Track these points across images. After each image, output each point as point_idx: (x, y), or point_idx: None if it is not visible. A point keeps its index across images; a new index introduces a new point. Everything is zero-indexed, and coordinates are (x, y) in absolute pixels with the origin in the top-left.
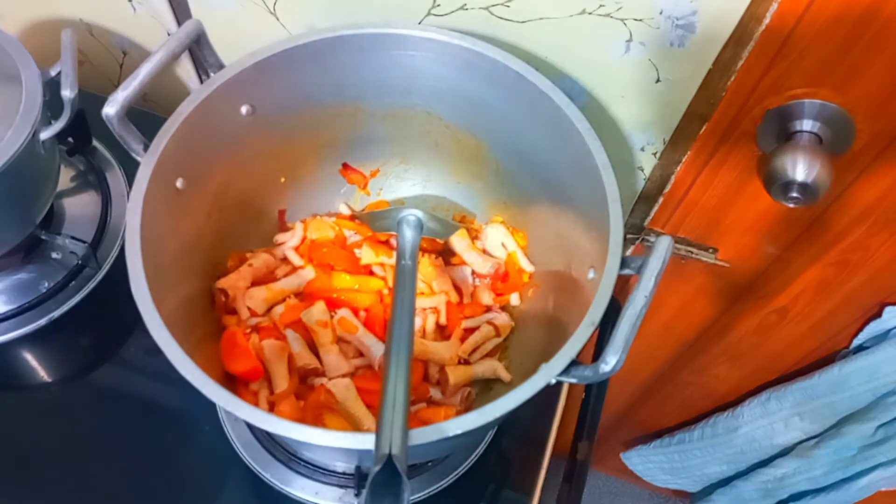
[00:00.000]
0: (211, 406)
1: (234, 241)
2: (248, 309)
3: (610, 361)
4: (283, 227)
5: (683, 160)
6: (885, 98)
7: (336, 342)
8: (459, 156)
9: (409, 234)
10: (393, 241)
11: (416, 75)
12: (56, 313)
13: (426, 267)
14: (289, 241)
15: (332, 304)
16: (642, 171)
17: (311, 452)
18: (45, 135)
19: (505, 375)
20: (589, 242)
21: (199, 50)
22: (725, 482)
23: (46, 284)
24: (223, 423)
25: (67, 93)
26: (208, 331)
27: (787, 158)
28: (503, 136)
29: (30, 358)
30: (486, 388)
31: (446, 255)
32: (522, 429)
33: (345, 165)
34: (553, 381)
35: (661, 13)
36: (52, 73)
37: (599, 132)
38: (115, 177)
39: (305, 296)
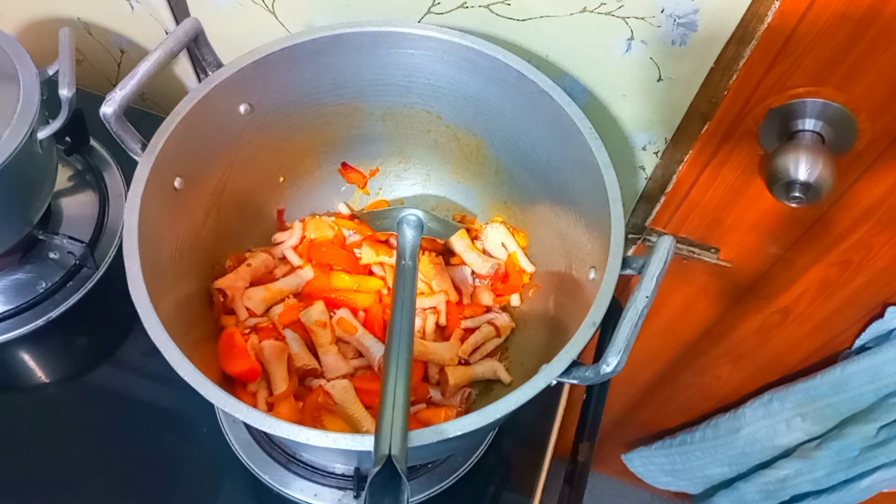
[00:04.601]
0: (209, 407)
1: (232, 240)
2: (247, 309)
3: (611, 362)
4: (282, 227)
5: (685, 159)
6: (887, 97)
7: (335, 343)
8: (459, 155)
9: (409, 234)
10: (392, 241)
11: (415, 74)
12: (54, 314)
13: (426, 265)
14: (287, 241)
15: (332, 305)
16: (644, 170)
17: (310, 454)
18: (42, 134)
19: (505, 376)
20: (590, 242)
21: (197, 48)
22: (727, 484)
23: (44, 285)
24: (221, 424)
25: (65, 92)
26: (206, 331)
27: (790, 158)
28: (503, 135)
29: (27, 358)
30: (487, 389)
31: (446, 256)
32: (523, 430)
33: (344, 165)
34: (554, 382)
35: (662, 11)
36: (50, 72)
37: (600, 131)
38: (112, 176)
39: (304, 296)
